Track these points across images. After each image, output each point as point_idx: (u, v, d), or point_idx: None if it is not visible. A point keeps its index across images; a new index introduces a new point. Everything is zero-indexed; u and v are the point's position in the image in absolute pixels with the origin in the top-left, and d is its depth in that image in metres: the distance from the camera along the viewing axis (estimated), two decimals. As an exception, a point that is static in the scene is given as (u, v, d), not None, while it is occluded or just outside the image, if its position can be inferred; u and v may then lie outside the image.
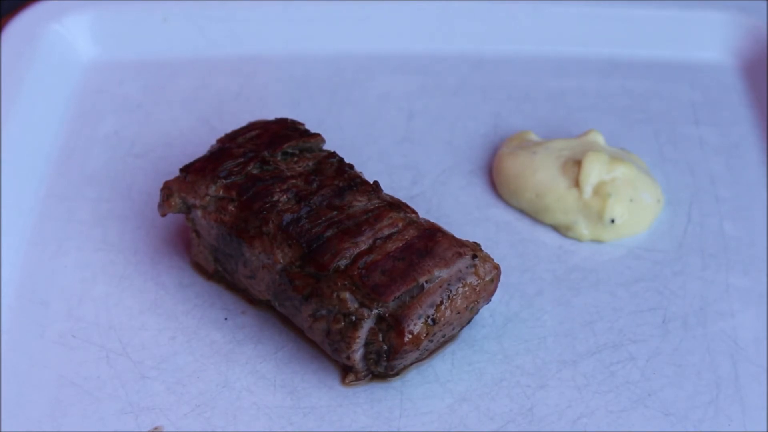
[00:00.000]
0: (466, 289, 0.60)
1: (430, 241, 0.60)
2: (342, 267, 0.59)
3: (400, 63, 0.84)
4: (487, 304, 0.63)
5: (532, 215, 0.72)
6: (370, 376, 0.61)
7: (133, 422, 0.59)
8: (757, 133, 0.79)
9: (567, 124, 0.79)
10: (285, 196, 0.62)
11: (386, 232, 0.61)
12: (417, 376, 0.61)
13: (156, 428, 0.59)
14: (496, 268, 0.61)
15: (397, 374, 0.61)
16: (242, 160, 0.65)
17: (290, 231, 0.61)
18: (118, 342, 0.63)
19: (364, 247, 0.60)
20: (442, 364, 0.62)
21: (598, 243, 0.70)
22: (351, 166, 0.66)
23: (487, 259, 0.61)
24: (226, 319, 0.65)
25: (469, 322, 0.63)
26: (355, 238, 0.60)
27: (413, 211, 0.63)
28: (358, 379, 0.61)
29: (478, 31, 0.86)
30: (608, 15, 0.87)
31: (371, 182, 0.64)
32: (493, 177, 0.74)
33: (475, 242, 0.62)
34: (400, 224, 0.61)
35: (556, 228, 0.71)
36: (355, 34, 0.85)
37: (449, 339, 0.63)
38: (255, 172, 0.64)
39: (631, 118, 0.81)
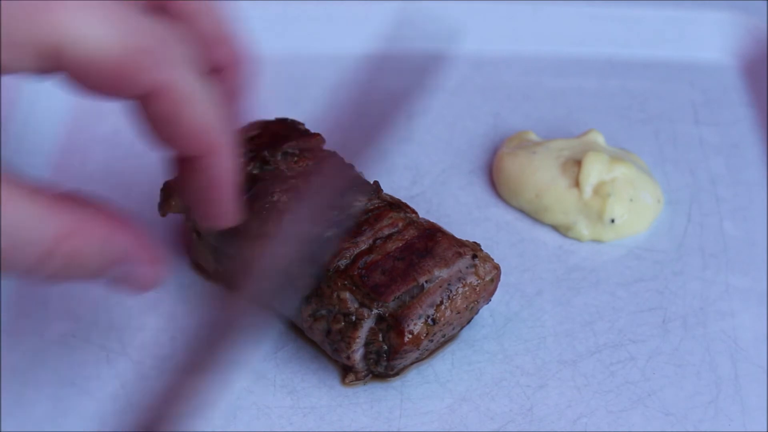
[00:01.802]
0: (466, 289, 0.60)
1: (430, 241, 0.60)
2: (342, 267, 0.59)
3: (399, 63, 0.84)
4: (487, 304, 0.63)
5: (532, 215, 0.72)
6: (370, 375, 0.61)
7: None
8: (757, 133, 0.79)
9: (567, 124, 0.79)
10: (285, 197, 0.62)
11: (386, 232, 0.61)
12: (417, 376, 0.61)
13: None
14: (496, 268, 0.61)
15: (397, 374, 0.61)
16: (242, 160, 0.65)
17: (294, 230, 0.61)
18: (118, 342, 0.63)
19: (364, 247, 0.60)
20: (442, 364, 0.62)
21: (598, 243, 0.70)
22: (351, 167, 0.65)
23: (487, 259, 0.61)
24: (226, 319, 0.65)
25: (469, 322, 0.63)
26: (355, 238, 0.60)
27: (413, 211, 0.63)
28: (358, 379, 0.61)
29: (478, 30, 0.86)
30: (608, 15, 0.87)
31: (371, 182, 0.64)
32: (493, 177, 0.74)
33: (475, 242, 0.62)
34: (400, 224, 0.61)
35: (556, 228, 0.71)
36: (355, 34, 0.85)
37: (449, 339, 0.63)
38: (255, 172, 0.64)
39: (631, 118, 0.81)
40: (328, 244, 0.59)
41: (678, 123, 0.80)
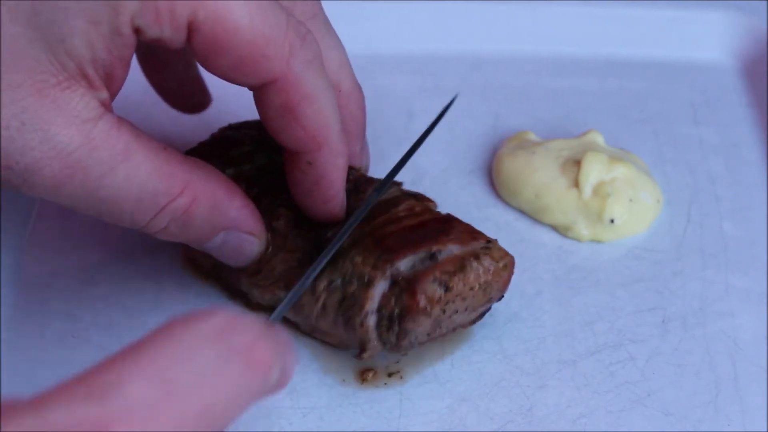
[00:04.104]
0: (480, 267, 0.59)
1: (446, 224, 0.61)
2: (357, 239, 0.59)
3: (399, 63, 0.84)
4: (500, 300, 0.62)
5: (532, 215, 0.72)
6: (383, 346, 0.59)
7: (133, 422, 0.59)
8: (757, 133, 0.79)
9: (566, 124, 0.79)
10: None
11: (402, 214, 0.61)
12: (417, 376, 0.61)
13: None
14: (510, 256, 0.61)
15: (408, 347, 0.59)
16: (249, 148, 0.65)
17: (302, 226, 0.60)
18: (118, 342, 0.63)
19: (376, 224, 0.60)
20: (441, 364, 0.62)
21: (597, 243, 0.70)
22: (353, 168, 0.65)
23: (501, 248, 0.61)
24: (225, 319, 0.64)
25: (481, 317, 0.62)
26: (370, 221, 0.60)
27: (431, 201, 0.64)
28: (372, 356, 0.59)
29: (477, 31, 0.86)
30: (607, 15, 0.87)
31: (376, 179, 0.64)
32: (493, 177, 0.74)
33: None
34: (417, 209, 0.62)
35: (555, 228, 0.71)
36: (355, 34, 0.84)
37: (460, 325, 0.61)
38: (263, 162, 0.64)
39: (630, 118, 0.81)
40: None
41: (677, 123, 0.80)
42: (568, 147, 0.73)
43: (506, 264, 0.61)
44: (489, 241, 0.61)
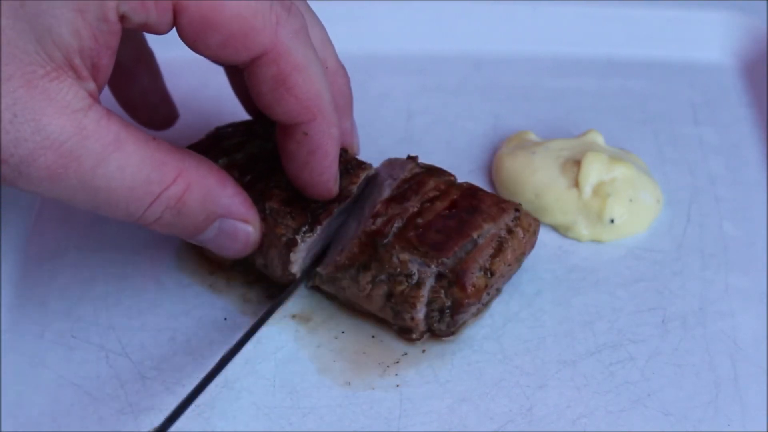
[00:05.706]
0: (515, 241, 0.62)
1: (473, 200, 0.63)
2: (396, 231, 0.61)
3: (399, 63, 0.84)
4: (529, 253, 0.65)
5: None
6: (429, 334, 0.63)
7: (133, 422, 0.59)
8: (757, 133, 0.79)
9: (566, 124, 0.79)
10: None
11: (431, 195, 0.63)
12: (417, 377, 0.61)
13: (156, 428, 0.59)
14: (536, 220, 0.64)
15: (454, 332, 0.63)
16: (240, 139, 0.65)
17: (294, 205, 0.61)
18: (118, 342, 0.63)
19: (413, 210, 0.62)
20: (442, 364, 0.62)
21: (597, 243, 0.70)
22: (345, 150, 0.66)
23: (527, 213, 0.64)
24: (225, 319, 0.65)
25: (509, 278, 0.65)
26: (403, 203, 0.62)
27: (451, 175, 0.65)
28: (418, 338, 0.63)
29: (477, 31, 0.86)
30: (607, 15, 0.87)
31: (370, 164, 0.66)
32: (493, 177, 0.74)
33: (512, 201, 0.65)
34: (443, 187, 0.64)
35: (555, 228, 0.71)
36: (354, 34, 0.85)
37: (496, 294, 0.65)
38: (255, 151, 0.65)
39: (630, 118, 0.81)
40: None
41: (678, 123, 0.80)
42: (568, 147, 0.73)
43: (535, 230, 0.64)
44: (517, 208, 0.63)
